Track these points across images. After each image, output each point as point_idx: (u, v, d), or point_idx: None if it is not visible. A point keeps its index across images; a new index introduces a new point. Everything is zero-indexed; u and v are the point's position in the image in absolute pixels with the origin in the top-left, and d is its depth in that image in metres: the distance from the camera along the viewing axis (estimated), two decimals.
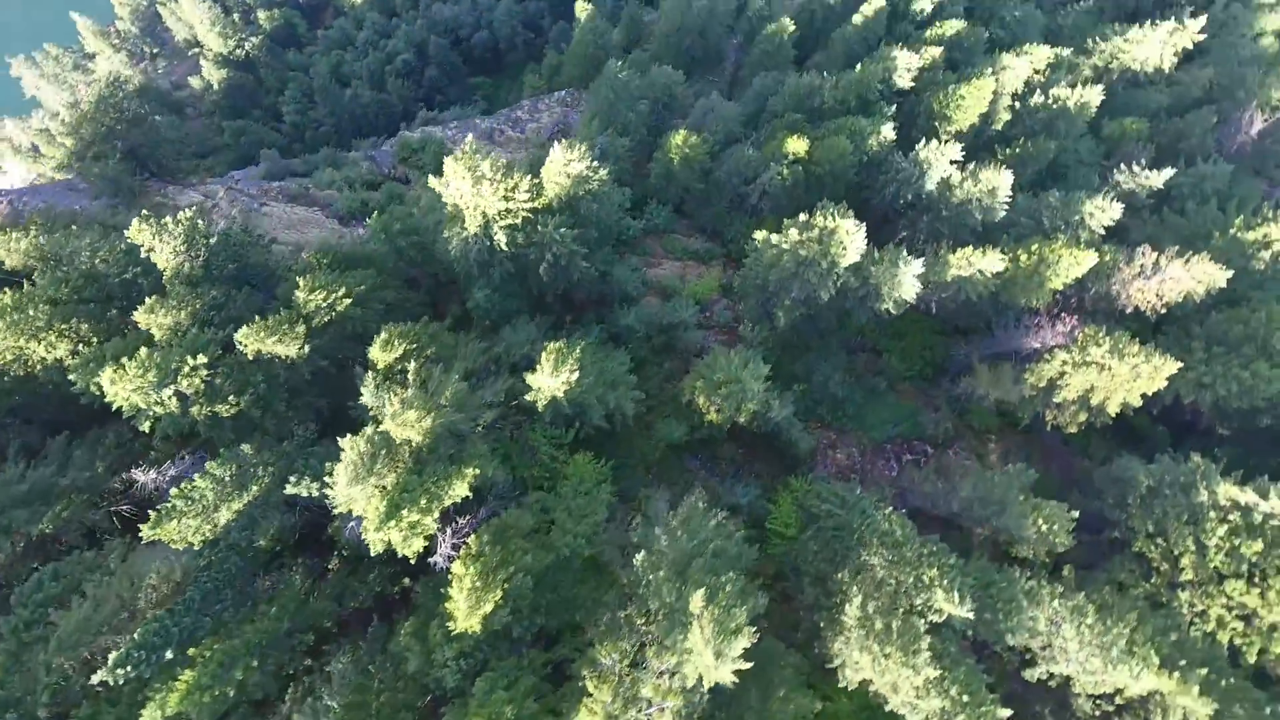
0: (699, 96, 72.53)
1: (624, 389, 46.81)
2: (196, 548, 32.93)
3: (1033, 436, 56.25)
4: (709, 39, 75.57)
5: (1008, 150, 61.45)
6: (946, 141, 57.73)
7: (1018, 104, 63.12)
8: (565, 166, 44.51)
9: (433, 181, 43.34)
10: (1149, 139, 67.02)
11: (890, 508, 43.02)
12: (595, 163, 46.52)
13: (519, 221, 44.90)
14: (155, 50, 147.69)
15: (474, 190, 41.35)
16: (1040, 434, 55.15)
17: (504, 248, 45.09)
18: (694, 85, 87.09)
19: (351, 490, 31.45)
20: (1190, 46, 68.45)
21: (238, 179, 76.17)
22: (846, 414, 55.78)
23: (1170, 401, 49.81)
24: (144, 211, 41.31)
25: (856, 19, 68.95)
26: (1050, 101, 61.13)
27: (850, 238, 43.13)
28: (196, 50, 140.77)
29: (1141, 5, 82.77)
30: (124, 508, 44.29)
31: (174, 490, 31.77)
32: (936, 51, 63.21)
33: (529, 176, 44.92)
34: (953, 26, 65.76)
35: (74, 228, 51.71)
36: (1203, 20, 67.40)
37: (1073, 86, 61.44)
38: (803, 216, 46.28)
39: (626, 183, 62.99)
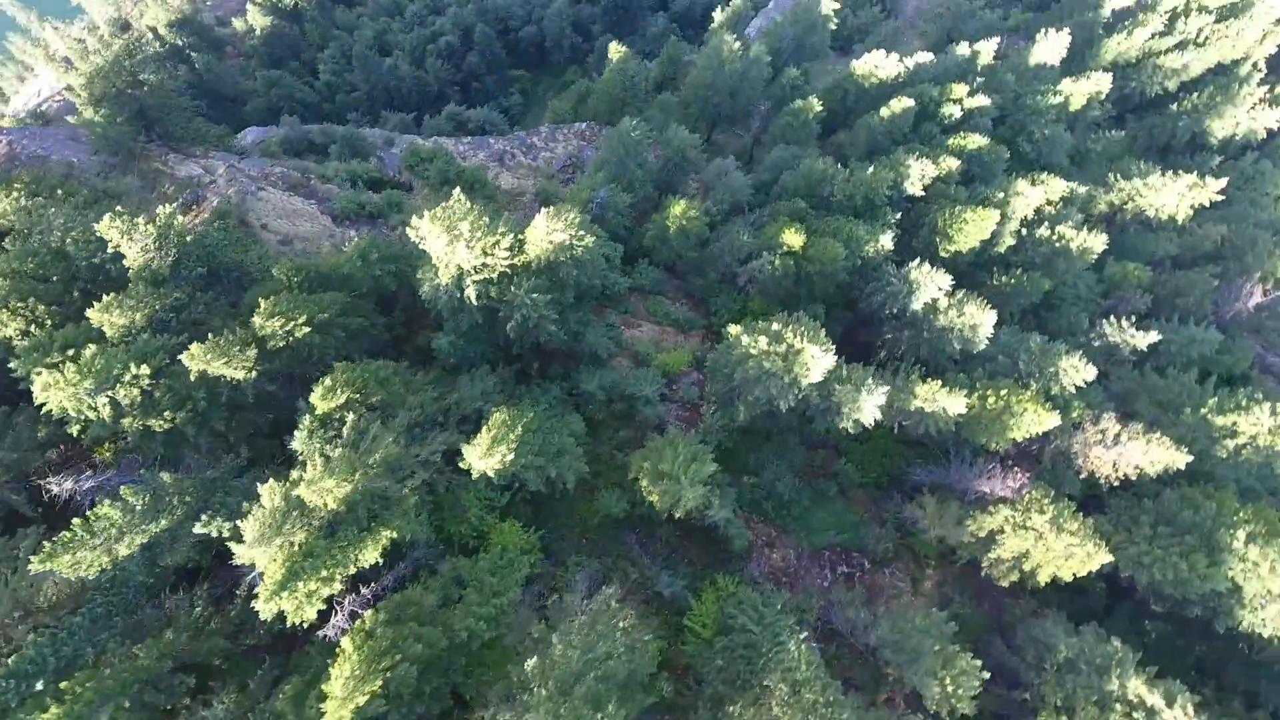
0: (715, 156, 72.10)
1: (569, 459, 46.48)
2: (90, 578, 32.67)
3: (970, 570, 55.96)
4: (738, 100, 75.10)
5: (1004, 277, 61.03)
6: (943, 260, 57.59)
7: (1024, 231, 62.74)
8: (549, 234, 44.14)
9: (411, 230, 42.92)
10: (1149, 288, 66.61)
11: (804, 634, 42.95)
12: (583, 231, 46.11)
13: (494, 277, 44.58)
14: None
15: (449, 248, 40.99)
16: (978, 569, 54.92)
17: (473, 301, 44.79)
18: (718, 134, 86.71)
19: (254, 550, 31.24)
20: (1207, 204, 67.90)
21: (245, 149, 75.70)
22: (791, 514, 55.56)
23: (1110, 570, 49.63)
24: (118, 208, 40.91)
25: (884, 112, 68.39)
26: (1055, 238, 60.67)
27: (815, 361, 42.81)
28: None
29: (1174, 143, 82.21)
30: (52, 482, 44.17)
31: (76, 520, 31.47)
32: (954, 163, 62.75)
33: (511, 234, 44.56)
34: (975, 142, 65.20)
35: (59, 192, 51.46)
36: (1223, 182, 66.82)
37: (1079, 229, 60.95)
38: (775, 325, 45.96)
39: (623, 237, 62.61)
